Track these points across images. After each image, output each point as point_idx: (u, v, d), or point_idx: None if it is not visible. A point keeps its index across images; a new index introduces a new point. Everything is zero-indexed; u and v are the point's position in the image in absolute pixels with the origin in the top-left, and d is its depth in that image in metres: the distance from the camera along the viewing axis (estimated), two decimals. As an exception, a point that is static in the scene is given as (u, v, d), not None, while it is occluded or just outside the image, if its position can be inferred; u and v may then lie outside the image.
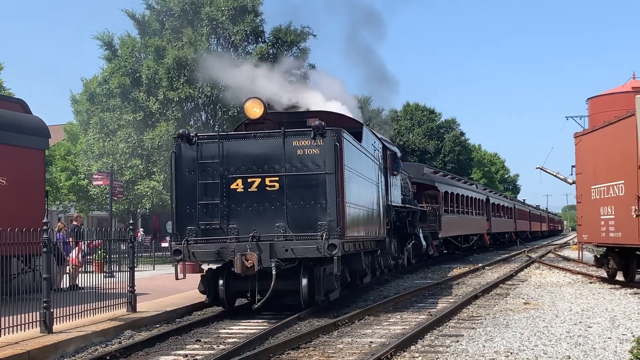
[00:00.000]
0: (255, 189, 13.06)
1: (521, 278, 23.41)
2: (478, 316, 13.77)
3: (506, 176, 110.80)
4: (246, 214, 13.10)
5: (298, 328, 12.26)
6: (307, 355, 10.05)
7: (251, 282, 13.00)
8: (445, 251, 33.92)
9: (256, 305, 12.84)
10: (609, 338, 10.88)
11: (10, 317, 10.39)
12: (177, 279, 14.24)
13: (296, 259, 13.01)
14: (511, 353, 9.78)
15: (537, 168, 40.68)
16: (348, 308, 15.12)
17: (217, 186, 13.16)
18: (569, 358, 9.52)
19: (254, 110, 13.96)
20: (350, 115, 18.49)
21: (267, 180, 13.01)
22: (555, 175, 40.03)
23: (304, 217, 12.92)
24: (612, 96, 22.64)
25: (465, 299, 16.12)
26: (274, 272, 12.41)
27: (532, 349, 10.05)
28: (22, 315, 10.56)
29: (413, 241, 23.70)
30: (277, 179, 12.98)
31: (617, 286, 19.27)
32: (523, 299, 16.83)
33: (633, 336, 10.01)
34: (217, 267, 13.89)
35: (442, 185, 31.41)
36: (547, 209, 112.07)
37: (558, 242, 71.98)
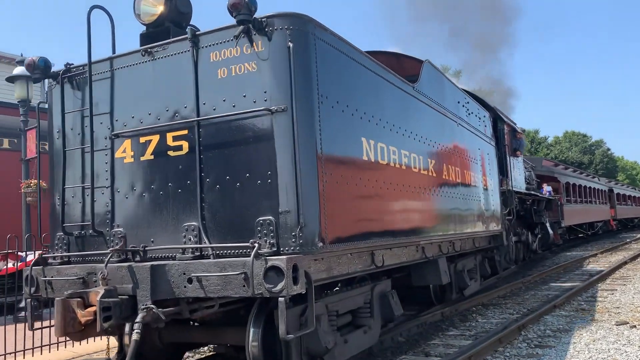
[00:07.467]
0: (151, 157, 5.35)
1: (659, 249, 24.56)
2: (627, 276, 14.88)
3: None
4: (139, 208, 5.40)
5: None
6: (504, 303, 11.07)
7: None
8: (572, 237, 30.93)
9: None
10: None
11: None
12: (30, 329, 5.95)
13: (213, 301, 5.13)
14: (654, 302, 10.49)
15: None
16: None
17: (88, 157, 5.65)
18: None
19: (148, 9, 5.66)
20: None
21: (169, 138, 5.25)
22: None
23: (234, 209, 4.90)
24: None
25: (617, 264, 17.06)
26: (135, 334, 4.52)
27: (671, 299, 10.74)
28: None
29: (542, 231, 19.22)
30: (185, 132, 5.16)
31: None
32: (662, 263, 17.72)
33: None
34: None
35: (563, 176, 26.86)
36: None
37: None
